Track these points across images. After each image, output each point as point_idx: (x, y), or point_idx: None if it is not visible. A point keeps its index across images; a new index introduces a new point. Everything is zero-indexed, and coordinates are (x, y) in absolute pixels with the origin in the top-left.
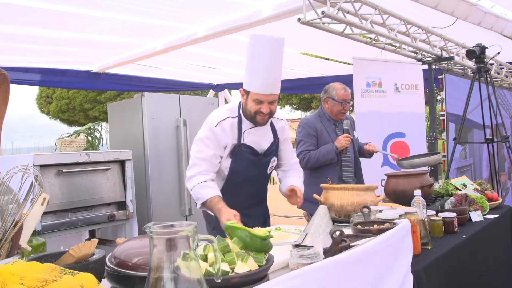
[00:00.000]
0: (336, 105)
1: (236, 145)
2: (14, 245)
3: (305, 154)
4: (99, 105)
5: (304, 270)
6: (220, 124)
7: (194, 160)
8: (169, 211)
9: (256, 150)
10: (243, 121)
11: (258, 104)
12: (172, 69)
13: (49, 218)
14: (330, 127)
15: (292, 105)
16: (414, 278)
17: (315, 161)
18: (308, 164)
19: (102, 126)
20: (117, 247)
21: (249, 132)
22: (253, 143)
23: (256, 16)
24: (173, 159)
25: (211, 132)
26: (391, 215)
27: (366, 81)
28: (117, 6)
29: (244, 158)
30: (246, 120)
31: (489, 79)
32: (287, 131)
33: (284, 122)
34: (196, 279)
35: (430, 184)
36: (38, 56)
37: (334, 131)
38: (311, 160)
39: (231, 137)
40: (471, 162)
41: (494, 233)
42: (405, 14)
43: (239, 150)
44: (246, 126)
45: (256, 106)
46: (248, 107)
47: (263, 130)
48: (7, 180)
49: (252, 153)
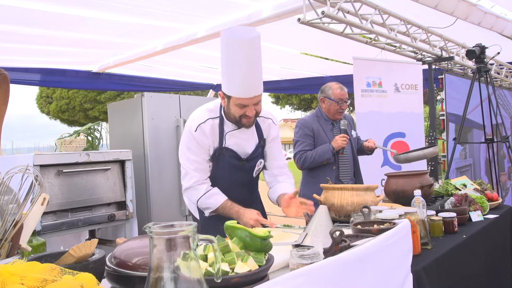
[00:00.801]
0: (333, 105)
1: (217, 148)
2: (14, 245)
3: (301, 154)
4: (99, 105)
5: (304, 270)
6: (199, 127)
7: (186, 169)
8: (169, 211)
9: (239, 155)
10: (225, 123)
11: (242, 108)
12: (172, 69)
13: (49, 218)
14: (327, 127)
15: (292, 105)
16: (414, 278)
17: (311, 161)
18: (304, 164)
19: (102, 126)
20: (117, 247)
21: (231, 134)
22: (235, 146)
23: (256, 16)
24: (173, 159)
25: (192, 138)
26: (391, 215)
27: (367, 81)
28: (117, 6)
29: (226, 163)
30: (228, 122)
31: (489, 79)
32: (275, 130)
33: (272, 120)
34: (196, 279)
35: (430, 184)
36: (38, 56)
37: (331, 131)
38: (308, 160)
39: (212, 140)
40: (471, 162)
41: (494, 233)
42: (405, 14)
43: (221, 153)
44: (228, 128)
45: (241, 110)
46: (231, 111)
47: (247, 132)
48: (7, 180)
49: (235, 157)
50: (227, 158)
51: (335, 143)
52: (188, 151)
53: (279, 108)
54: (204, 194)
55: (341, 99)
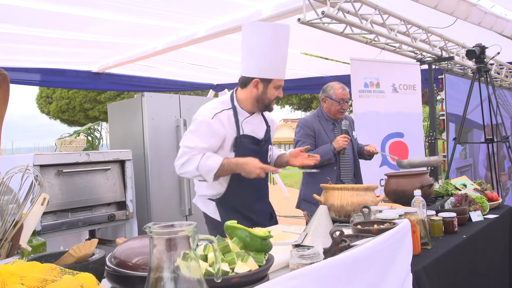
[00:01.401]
0: (334, 104)
1: (236, 137)
2: (14, 245)
3: None
4: (99, 105)
5: (304, 270)
6: (216, 116)
7: (184, 150)
8: (169, 211)
9: (257, 138)
10: (239, 112)
11: (277, 90)
12: (172, 69)
13: (49, 218)
14: (328, 127)
15: (292, 105)
16: (414, 278)
17: None
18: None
19: (102, 126)
20: (117, 247)
21: (247, 121)
22: (252, 132)
23: (256, 16)
24: (173, 159)
25: (206, 125)
26: (391, 215)
27: (364, 81)
28: (117, 7)
29: (247, 149)
30: (242, 111)
31: (489, 79)
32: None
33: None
34: (196, 279)
35: (430, 184)
36: (38, 56)
37: (332, 131)
38: None
39: (229, 130)
40: (471, 162)
41: (494, 233)
42: (405, 14)
43: (241, 141)
44: (242, 117)
45: (276, 91)
46: (268, 95)
47: (258, 117)
48: (7, 180)
49: (253, 142)
50: (246, 144)
51: (336, 144)
52: (194, 135)
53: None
54: (201, 158)
55: (343, 99)
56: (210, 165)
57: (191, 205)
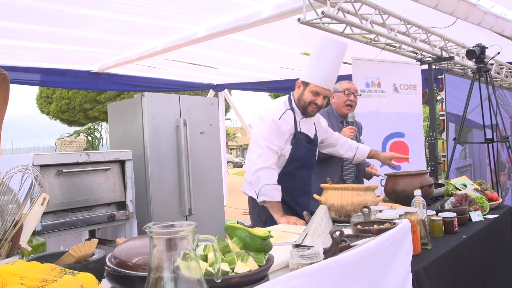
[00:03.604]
0: (340, 97)
1: (295, 133)
2: (14, 245)
3: None
4: (99, 105)
5: (304, 270)
6: (282, 117)
7: (265, 149)
8: (169, 211)
9: (311, 137)
10: (296, 112)
11: (314, 96)
12: (172, 69)
13: (49, 218)
14: (336, 124)
15: None
16: (414, 278)
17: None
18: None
19: (102, 126)
20: (117, 247)
21: (303, 121)
22: (307, 131)
23: (256, 16)
24: (173, 159)
25: (276, 125)
26: (391, 215)
27: (365, 81)
28: (117, 6)
29: (302, 145)
30: (298, 111)
31: (489, 79)
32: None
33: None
34: (196, 279)
35: (430, 184)
36: (38, 56)
37: (340, 128)
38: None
39: (291, 126)
40: (471, 162)
41: (494, 233)
42: (405, 14)
43: (298, 137)
44: (299, 117)
45: (312, 97)
46: (304, 97)
47: (310, 121)
48: (7, 180)
49: (307, 140)
50: (302, 142)
51: (343, 134)
52: (271, 133)
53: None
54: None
55: (348, 89)
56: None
57: (191, 205)
